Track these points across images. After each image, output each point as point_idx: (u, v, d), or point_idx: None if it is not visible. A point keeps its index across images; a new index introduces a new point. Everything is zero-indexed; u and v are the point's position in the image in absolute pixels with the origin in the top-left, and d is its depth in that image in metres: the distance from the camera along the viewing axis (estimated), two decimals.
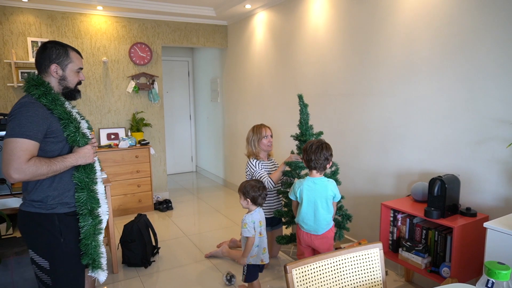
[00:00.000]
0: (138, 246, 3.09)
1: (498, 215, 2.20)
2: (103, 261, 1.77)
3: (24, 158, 1.50)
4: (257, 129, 3.11)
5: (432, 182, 2.26)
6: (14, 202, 2.64)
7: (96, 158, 1.80)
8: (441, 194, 2.23)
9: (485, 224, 1.87)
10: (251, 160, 3.07)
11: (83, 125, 1.76)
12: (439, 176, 2.26)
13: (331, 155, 2.32)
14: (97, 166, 1.81)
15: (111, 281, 2.90)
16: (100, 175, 1.81)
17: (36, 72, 1.74)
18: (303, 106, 2.87)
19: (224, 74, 5.66)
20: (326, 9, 3.47)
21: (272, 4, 4.25)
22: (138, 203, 4.56)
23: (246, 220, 2.38)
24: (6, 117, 2.71)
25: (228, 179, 5.83)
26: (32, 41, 4.13)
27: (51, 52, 1.70)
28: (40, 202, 1.65)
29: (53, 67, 1.70)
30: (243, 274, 2.51)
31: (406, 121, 2.78)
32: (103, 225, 1.79)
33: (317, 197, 2.30)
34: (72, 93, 1.79)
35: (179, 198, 5.25)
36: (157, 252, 3.37)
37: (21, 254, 2.41)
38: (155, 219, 4.37)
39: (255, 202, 2.43)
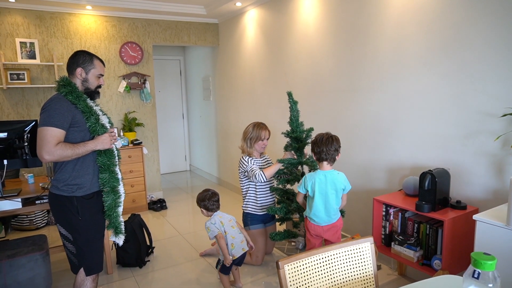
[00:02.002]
0: (133, 246, 3.08)
1: (488, 207, 2.23)
2: (122, 228, 2.17)
3: (53, 143, 1.86)
4: (258, 129, 3.06)
5: (423, 176, 2.29)
6: (6, 205, 2.61)
7: (114, 147, 2.13)
8: (432, 188, 2.25)
9: (475, 217, 1.90)
10: (244, 157, 3.06)
11: (104, 120, 2.10)
12: (430, 170, 2.28)
13: (339, 146, 2.39)
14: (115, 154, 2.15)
15: (105, 281, 2.90)
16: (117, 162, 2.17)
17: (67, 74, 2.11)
18: (293, 103, 2.88)
19: (216, 73, 5.65)
20: (316, 6, 3.48)
21: (263, 1, 4.25)
22: (132, 203, 4.54)
23: (207, 225, 2.62)
24: None
25: (222, 177, 5.83)
26: (20, 42, 4.09)
27: (79, 58, 2.06)
28: (63, 183, 1.99)
29: (79, 70, 2.05)
30: (219, 264, 2.67)
31: (396, 116, 2.80)
32: (122, 199, 2.15)
33: (328, 190, 2.37)
34: (92, 94, 2.11)
35: (173, 197, 5.24)
36: (152, 251, 3.37)
37: (13, 257, 2.40)
38: (149, 218, 4.37)
39: (208, 209, 2.66)
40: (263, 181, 2.94)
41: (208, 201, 2.65)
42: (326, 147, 2.33)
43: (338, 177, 2.39)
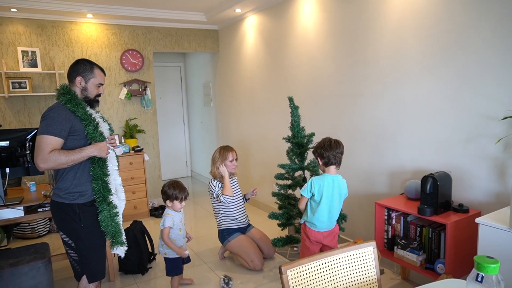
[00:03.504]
0: (135, 253, 3.08)
1: (490, 210, 2.22)
2: (123, 238, 2.13)
3: (47, 150, 1.85)
4: (224, 151, 3.23)
5: (424, 179, 2.29)
6: (8, 214, 2.61)
7: (113, 155, 2.12)
8: (434, 192, 2.25)
9: (477, 220, 1.90)
10: (213, 181, 3.25)
11: (105, 127, 2.09)
12: (431, 174, 2.28)
13: (344, 150, 2.40)
14: (113, 161, 2.12)
15: None
16: (113, 169, 2.11)
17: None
18: (294, 108, 2.89)
19: (216, 79, 5.67)
20: (316, 12, 3.50)
21: (262, 7, 4.28)
22: (133, 209, 4.54)
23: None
24: None
25: None
26: (22, 51, 4.11)
27: (79, 67, 2.06)
28: (65, 191, 1.99)
29: (79, 78, 2.05)
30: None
31: (397, 120, 2.81)
32: (119, 209, 2.10)
33: (334, 195, 2.37)
34: (91, 102, 2.11)
35: None
36: (154, 258, 3.36)
37: (16, 265, 2.39)
38: (151, 225, 4.36)
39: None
40: (230, 201, 3.13)
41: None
42: (335, 151, 2.33)
43: (342, 182, 2.41)
